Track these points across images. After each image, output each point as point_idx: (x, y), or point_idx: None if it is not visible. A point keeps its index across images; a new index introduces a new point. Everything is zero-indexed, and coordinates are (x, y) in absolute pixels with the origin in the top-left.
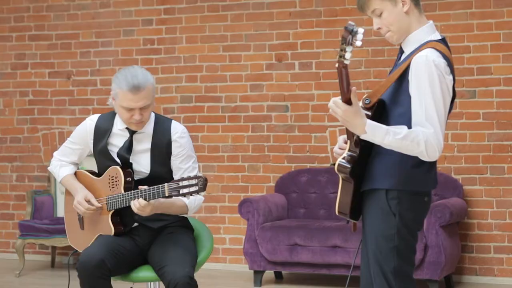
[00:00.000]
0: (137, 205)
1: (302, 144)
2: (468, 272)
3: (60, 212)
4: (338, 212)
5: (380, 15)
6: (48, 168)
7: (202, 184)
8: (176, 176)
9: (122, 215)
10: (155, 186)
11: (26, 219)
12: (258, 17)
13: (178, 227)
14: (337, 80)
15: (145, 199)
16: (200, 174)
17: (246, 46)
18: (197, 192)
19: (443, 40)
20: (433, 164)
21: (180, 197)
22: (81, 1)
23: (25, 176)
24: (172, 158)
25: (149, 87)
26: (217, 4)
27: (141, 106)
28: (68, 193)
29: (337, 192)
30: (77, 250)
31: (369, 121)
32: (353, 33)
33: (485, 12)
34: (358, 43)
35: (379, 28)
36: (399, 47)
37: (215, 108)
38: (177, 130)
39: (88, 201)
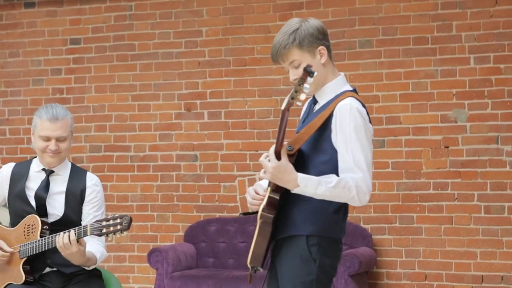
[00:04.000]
0: (61, 242)
1: (211, 193)
2: None
3: None
4: (250, 263)
5: (297, 67)
6: None
7: (127, 223)
8: (84, 223)
9: (34, 262)
10: (77, 227)
11: None
12: (167, 67)
13: (88, 275)
14: (248, 130)
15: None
16: (124, 213)
17: (155, 96)
18: (121, 231)
19: (355, 91)
20: (346, 212)
21: (93, 251)
22: None
23: None
24: (85, 204)
25: (68, 120)
26: (126, 54)
27: (57, 135)
28: None
29: (246, 242)
30: None
31: (300, 174)
32: (311, 74)
33: (393, 62)
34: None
35: (295, 79)
36: (310, 97)
37: (124, 158)
38: (92, 178)
39: (0, 248)
